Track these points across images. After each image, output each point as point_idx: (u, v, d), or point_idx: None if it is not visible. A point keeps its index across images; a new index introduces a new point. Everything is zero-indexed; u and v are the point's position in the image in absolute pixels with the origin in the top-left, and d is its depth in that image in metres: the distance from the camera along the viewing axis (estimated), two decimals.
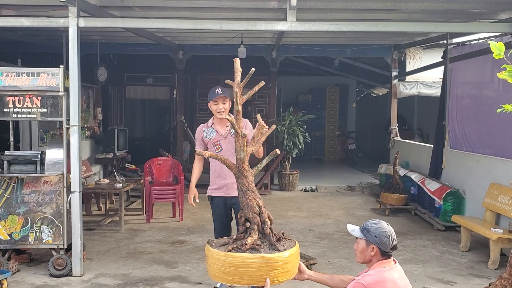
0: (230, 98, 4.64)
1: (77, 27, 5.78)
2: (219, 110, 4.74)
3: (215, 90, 4.75)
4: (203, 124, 5.02)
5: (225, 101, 4.74)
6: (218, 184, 4.95)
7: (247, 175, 3.17)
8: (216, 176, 4.92)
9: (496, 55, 2.29)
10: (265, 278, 2.93)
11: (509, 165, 6.74)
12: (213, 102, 4.75)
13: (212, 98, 4.74)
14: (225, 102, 4.74)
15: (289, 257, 3.02)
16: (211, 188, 5.01)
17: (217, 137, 4.87)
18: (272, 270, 2.94)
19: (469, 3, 6.65)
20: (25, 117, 5.81)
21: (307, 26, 6.35)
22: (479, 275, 5.90)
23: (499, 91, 7.71)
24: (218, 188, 4.96)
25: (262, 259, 2.92)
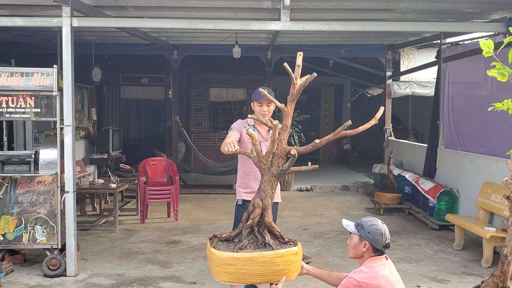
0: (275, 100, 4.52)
1: (70, 27, 5.78)
2: (263, 112, 4.43)
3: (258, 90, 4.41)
4: (243, 120, 4.64)
5: (270, 103, 4.42)
6: (254, 187, 4.37)
7: None
8: (252, 179, 4.47)
9: (486, 52, 2.31)
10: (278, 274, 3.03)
11: (502, 164, 6.76)
12: (258, 103, 4.44)
13: (257, 99, 4.42)
14: (269, 105, 4.44)
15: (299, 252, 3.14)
16: (245, 191, 4.51)
17: (259, 138, 4.43)
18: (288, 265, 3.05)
19: (461, 3, 6.69)
20: (19, 117, 5.80)
21: (301, 26, 6.37)
22: (472, 274, 5.93)
23: (493, 90, 7.75)
24: (253, 192, 4.32)
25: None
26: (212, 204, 10.10)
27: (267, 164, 3.28)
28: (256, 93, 4.44)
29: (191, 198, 10.68)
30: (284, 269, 3.04)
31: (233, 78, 13.60)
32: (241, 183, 4.55)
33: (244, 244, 3.13)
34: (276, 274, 3.03)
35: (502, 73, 2.35)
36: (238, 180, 4.59)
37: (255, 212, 3.27)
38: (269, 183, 3.30)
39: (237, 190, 4.59)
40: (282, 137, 3.32)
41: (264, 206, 3.25)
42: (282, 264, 3.02)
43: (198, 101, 14.08)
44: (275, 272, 3.02)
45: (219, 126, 13.74)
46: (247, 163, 4.45)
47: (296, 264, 3.14)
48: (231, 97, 13.66)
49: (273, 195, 3.31)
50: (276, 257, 3.00)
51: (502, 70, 2.33)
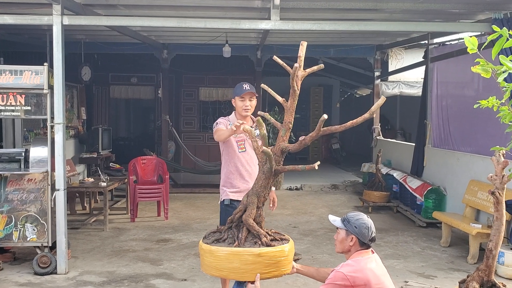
0: (256, 94, 4.40)
1: (61, 25, 5.80)
2: (246, 107, 4.34)
3: (242, 85, 4.36)
4: (226, 118, 4.53)
5: (252, 97, 4.35)
6: (240, 186, 4.39)
7: None
8: (237, 178, 4.42)
9: (470, 49, 2.38)
10: None
11: (488, 162, 6.84)
12: (240, 98, 4.33)
13: (239, 93, 4.33)
14: (252, 99, 4.35)
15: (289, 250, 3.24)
16: (232, 191, 4.42)
17: (243, 136, 4.42)
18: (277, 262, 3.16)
19: (448, 4, 6.80)
20: (9, 115, 5.79)
21: (290, 25, 6.43)
22: (459, 269, 6.03)
23: (479, 90, 7.87)
24: (240, 191, 4.35)
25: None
26: (202, 203, 10.13)
27: (262, 162, 3.31)
28: (237, 88, 4.38)
29: (181, 197, 10.71)
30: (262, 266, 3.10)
31: (223, 77, 13.64)
32: (226, 183, 4.47)
33: (222, 238, 3.23)
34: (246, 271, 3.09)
35: (486, 70, 2.42)
36: (223, 179, 4.50)
37: (237, 209, 3.34)
38: (258, 181, 3.34)
39: (222, 190, 4.51)
40: (280, 134, 3.34)
41: (247, 203, 3.29)
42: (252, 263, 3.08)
43: (188, 100, 14.11)
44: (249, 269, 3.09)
45: (209, 125, 13.75)
46: (232, 162, 4.42)
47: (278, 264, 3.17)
48: (221, 96, 13.70)
49: (262, 193, 3.31)
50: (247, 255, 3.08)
51: (486, 67, 2.40)
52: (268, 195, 3.37)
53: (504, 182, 3.87)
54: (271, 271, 3.15)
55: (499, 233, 4.06)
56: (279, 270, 3.18)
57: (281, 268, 3.18)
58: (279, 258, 3.15)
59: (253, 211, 3.26)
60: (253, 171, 4.41)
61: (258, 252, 3.08)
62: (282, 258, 3.16)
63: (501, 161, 3.94)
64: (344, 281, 3.03)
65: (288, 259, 3.23)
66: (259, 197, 3.30)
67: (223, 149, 4.51)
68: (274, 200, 4.69)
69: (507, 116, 2.95)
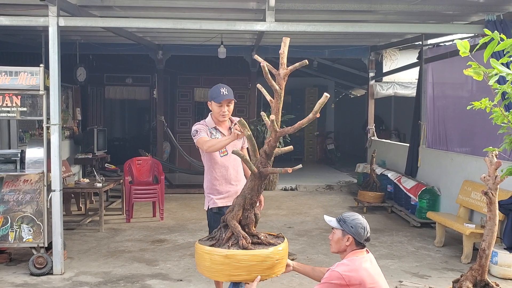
0: (234, 99, 4.22)
1: (57, 26, 5.81)
2: (223, 113, 4.16)
3: (220, 90, 4.14)
4: (203, 122, 4.33)
5: (230, 103, 4.17)
6: (226, 191, 4.29)
7: None
8: (222, 183, 4.29)
9: (462, 53, 2.42)
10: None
11: (481, 162, 6.86)
12: (217, 104, 4.13)
13: (216, 100, 4.13)
14: (229, 105, 4.17)
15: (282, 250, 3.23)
16: (219, 197, 4.29)
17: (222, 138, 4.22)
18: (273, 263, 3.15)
19: (442, 5, 6.86)
20: (5, 116, 5.80)
21: (285, 26, 6.46)
22: (452, 269, 6.08)
23: (473, 91, 7.93)
24: (228, 196, 4.25)
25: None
26: (198, 204, 10.14)
27: None
28: (214, 92, 4.17)
29: (176, 198, 10.72)
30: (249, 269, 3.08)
31: (218, 78, 13.56)
32: (211, 190, 4.35)
33: (214, 237, 3.26)
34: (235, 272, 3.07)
35: (478, 72, 2.46)
36: (208, 186, 4.38)
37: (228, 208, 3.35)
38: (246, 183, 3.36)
39: (209, 197, 4.37)
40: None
41: (234, 204, 3.31)
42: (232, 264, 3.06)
43: (183, 101, 14.12)
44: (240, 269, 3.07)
45: None
46: (215, 167, 4.26)
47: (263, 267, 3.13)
48: None
49: (248, 195, 3.26)
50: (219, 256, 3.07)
51: (478, 70, 2.44)
52: (256, 197, 3.29)
53: (497, 183, 3.92)
54: (240, 274, 3.08)
55: (492, 233, 4.10)
56: (250, 274, 3.08)
57: (253, 272, 3.08)
58: (251, 262, 3.06)
59: (238, 212, 3.25)
60: (239, 173, 4.35)
61: (226, 253, 3.05)
62: (254, 263, 3.06)
63: (494, 161, 3.99)
64: (339, 280, 3.07)
65: (265, 265, 3.10)
66: (245, 199, 3.26)
67: (204, 155, 4.31)
68: (260, 200, 4.48)
69: (499, 118, 2.99)
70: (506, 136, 3.31)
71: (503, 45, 2.37)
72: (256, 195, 3.27)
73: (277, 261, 3.16)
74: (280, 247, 3.20)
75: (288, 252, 3.38)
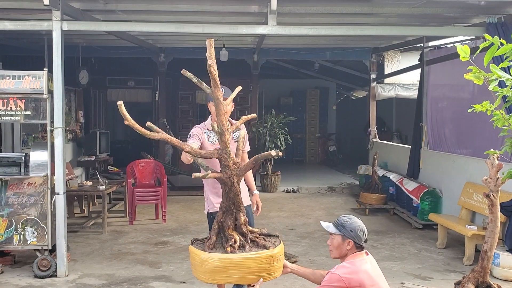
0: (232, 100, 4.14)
1: (60, 30, 5.85)
2: None
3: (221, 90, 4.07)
4: (202, 125, 4.36)
5: (228, 104, 4.06)
6: None
7: None
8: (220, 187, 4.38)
9: (463, 57, 2.45)
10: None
11: (483, 164, 6.88)
12: (213, 104, 4.01)
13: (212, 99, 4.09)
14: (227, 105, 4.11)
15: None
16: (218, 201, 3.99)
17: (218, 143, 4.03)
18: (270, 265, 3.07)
19: (443, 8, 6.88)
20: (9, 120, 5.84)
21: (287, 30, 6.50)
22: (454, 271, 6.10)
23: (474, 93, 7.95)
24: None
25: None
26: (200, 206, 10.11)
27: None
28: None
29: (178, 200, 10.75)
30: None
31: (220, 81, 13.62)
32: (211, 193, 4.36)
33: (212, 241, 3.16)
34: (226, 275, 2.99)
35: (478, 77, 2.50)
36: (207, 190, 4.38)
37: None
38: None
39: (209, 200, 4.40)
40: None
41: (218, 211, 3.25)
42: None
43: (185, 103, 14.16)
44: None
45: None
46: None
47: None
48: None
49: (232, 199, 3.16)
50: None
51: (478, 74, 2.47)
52: (238, 200, 3.14)
53: (498, 185, 3.95)
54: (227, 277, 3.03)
55: (494, 234, 4.13)
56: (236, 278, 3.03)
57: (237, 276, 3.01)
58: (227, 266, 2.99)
59: (226, 217, 3.18)
60: None
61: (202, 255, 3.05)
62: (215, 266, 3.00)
63: (495, 164, 4.02)
64: (339, 282, 3.09)
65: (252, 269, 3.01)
66: (227, 203, 3.17)
67: None
68: (257, 204, 4.57)
69: (500, 121, 3.02)
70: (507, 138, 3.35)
71: (503, 50, 2.41)
72: (235, 198, 3.13)
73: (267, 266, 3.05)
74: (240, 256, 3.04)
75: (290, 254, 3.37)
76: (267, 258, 3.00)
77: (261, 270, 3.01)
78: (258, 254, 2.99)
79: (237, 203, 3.13)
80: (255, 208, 4.60)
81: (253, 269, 2.99)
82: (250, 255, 2.99)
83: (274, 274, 3.15)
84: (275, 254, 3.05)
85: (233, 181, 3.07)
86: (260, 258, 2.98)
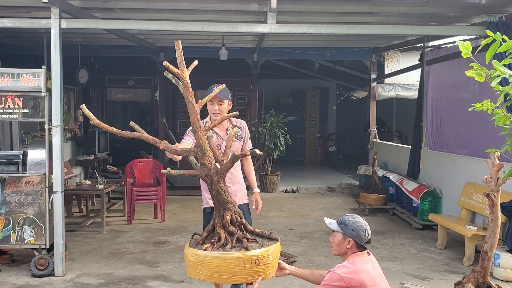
0: (228, 99, 4.31)
1: (59, 28, 5.82)
2: (214, 111, 4.24)
3: (212, 88, 4.15)
4: (201, 123, 4.53)
5: (222, 102, 4.26)
6: None
7: None
8: None
9: (464, 54, 2.42)
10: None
11: (483, 164, 6.85)
12: (209, 102, 4.16)
13: None
14: (221, 103, 4.25)
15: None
16: (209, 198, 4.22)
17: (217, 141, 4.32)
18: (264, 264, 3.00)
19: (444, 7, 6.85)
20: (7, 118, 5.82)
21: (287, 28, 6.46)
22: (454, 271, 6.07)
23: (475, 93, 7.92)
24: None
25: None
26: (199, 205, 9.98)
27: None
28: (209, 90, 4.18)
29: (177, 200, 10.72)
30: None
31: (219, 80, 13.43)
32: (204, 188, 4.38)
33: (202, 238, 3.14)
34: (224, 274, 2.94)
35: (480, 74, 2.46)
36: (202, 185, 4.39)
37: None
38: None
39: (204, 196, 4.42)
40: None
41: None
42: None
43: (185, 103, 13.94)
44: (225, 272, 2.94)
45: None
46: None
47: None
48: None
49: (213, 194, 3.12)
50: None
51: (480, 71, 2.44)
52: (221, 198, 3.11)
53: (499, 184, 3.92)
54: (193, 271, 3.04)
55: (494, 235, 4.10)
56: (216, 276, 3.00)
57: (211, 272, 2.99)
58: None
59: (216, 214, 3.18)
60: (233, 175, 4.35)
61: (185, 249, 3.09)
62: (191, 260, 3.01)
63: (496, 163, 3.99)
64: (339, 282, 3.06)
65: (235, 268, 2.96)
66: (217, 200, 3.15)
67: None
68: (257, 202, 4.55)
69: (501, 119, 2.99)
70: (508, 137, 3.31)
71: (505, 47, 2.37)
72: (222, 196, 3.10)
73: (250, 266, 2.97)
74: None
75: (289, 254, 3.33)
76: (236, 259, 2.90)
77: (230, 271, 2.91)
78: (225, 255, 2.91)
79: (221, 201, 3.09)
80: (254, 206, 4.57)
81: (220, 269, 2.91)
82: (217, 254, 2.92)
83: (253, 277, 3.01)
84: (245, 256, 2.92)
85: (213, 179, 3.02)
86: (227, 259, 2.90)
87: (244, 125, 4.55)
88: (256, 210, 4.57)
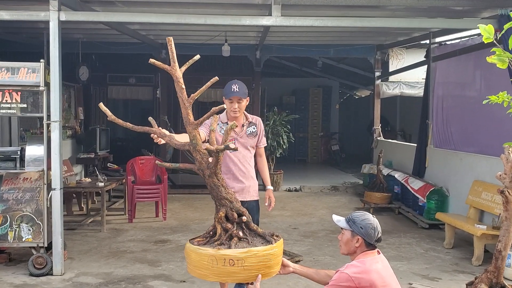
0: (247, 96, 4.35)
1: (58, 20, 5.68)
2: (234, 109, 4.29)
3: (231, 87, 4.27)
4: (217, 116, 4.24)
5: (241, 100, 4.31)
6: (235, 187, 4.30)
7: None
8: (231, 179, 4.34)
9: (486, 38, 2.27)
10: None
11: (492, 162, 6.76)
12: (228, 100, 4.29)
13: (227, 96, 4.29)
14: (240, 102, 4.30)
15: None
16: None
17: (233, 135, 4.36)
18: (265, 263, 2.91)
19: (452, 0, 6.68)
20: (4, 113, 5.68)
21: (292, 21, 6.32)
22: (463, 271, 5.92)
23: (481, 90, 7.78)
24: (236, 192, 4.08)
25: None
26: (201, 204, 10.01)
27: None
28: (226, 88, 4.29)
29: (179, 198, 10.58)
30: None
31: (222, 78, 13.35)
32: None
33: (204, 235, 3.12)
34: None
35: (502, 59, 2.31)
36: None
37: None
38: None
39: None
40: None
41: None
42: None
43: None
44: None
45: None
46: (223, 162, 4.16)
47: None
48: (220, 97, 13.58)
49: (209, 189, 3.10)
50: None
51: (503, 56, 2.29)
52: (215, 194, 3.07)
53: None
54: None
55: (509, 233, 3.96)
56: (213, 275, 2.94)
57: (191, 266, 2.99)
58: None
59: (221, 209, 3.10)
60: (247, 170, 4.41)
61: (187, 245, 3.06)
62: None
63: (510, 158, 3.84)
64: (348, 282, 2.92)
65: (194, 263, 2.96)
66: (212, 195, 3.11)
67: None
68: (270, 199, 4.54)
69: None
70: None
71: None
72: (216, 191, 3.07)
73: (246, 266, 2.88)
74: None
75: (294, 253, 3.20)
76: (209, 257, 2.86)
77: (204, 268, 2.89)
78: (201, 250, 2.91)
79: (216, 196, 3.07)
80: (266, 203, 4.56)
81: (197, 264, 2.92)
82: (194, 249, 2.94)
83: (230, 277, 2.91)
84: (218, 255, 2.84)
85: (204, 174, 3.03)
86: (202, 255, 2.89)
87: (260, 122, 4.56)
88: (268, 207, 4.57)
